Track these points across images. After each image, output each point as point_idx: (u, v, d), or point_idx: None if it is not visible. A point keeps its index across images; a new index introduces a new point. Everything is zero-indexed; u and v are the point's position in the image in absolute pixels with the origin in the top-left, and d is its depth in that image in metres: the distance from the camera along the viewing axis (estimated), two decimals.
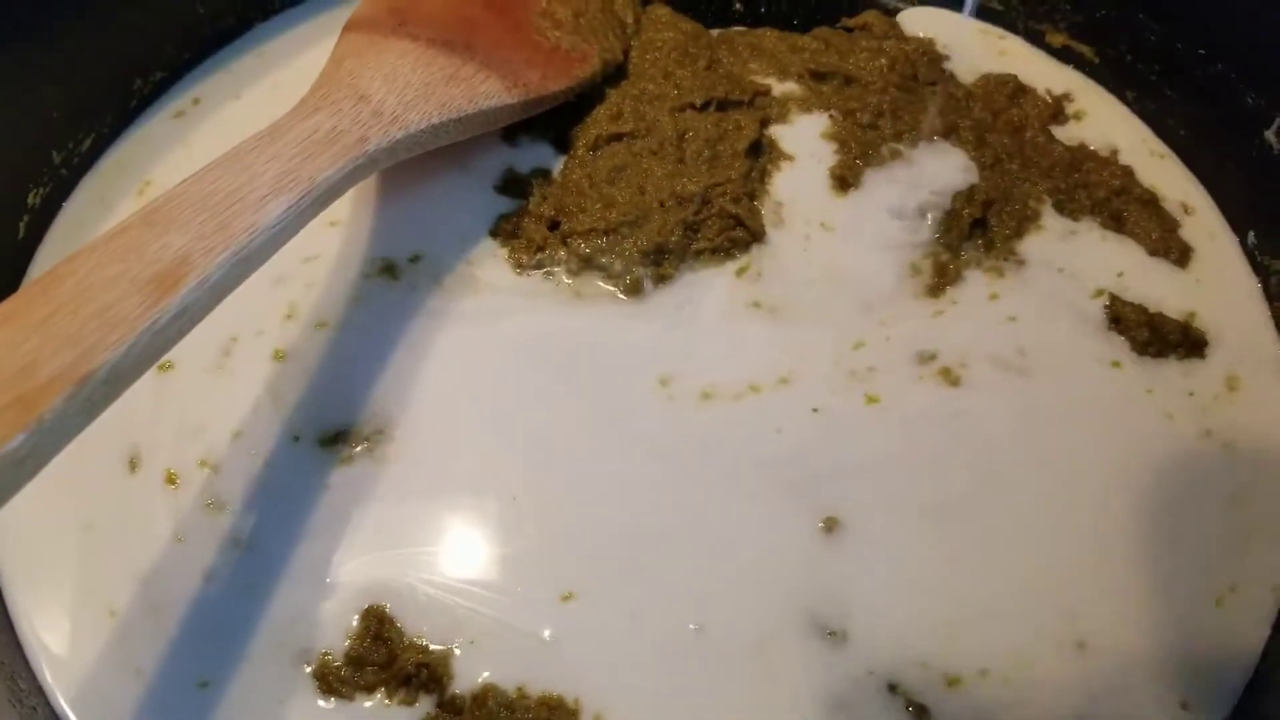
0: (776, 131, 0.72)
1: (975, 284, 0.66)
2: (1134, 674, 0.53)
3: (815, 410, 0.60)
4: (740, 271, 0.66)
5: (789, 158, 0.71)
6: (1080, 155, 0.72)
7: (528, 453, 0.59)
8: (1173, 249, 0.68)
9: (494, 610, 0.55)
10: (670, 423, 0.60)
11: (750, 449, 0.59)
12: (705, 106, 0.71)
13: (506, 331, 0.63)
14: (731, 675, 0.53)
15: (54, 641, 0.55)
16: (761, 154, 0.70)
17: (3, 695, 0.51)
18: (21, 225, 0.66)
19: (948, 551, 0.56)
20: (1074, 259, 0.67)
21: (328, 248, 0.66)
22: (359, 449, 0.59)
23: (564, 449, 0.59)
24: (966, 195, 0.68)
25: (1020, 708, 0.52)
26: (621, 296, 0.65)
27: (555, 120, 0.71)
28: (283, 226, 0.50)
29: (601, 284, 0.65)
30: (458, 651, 0.53)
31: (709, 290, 0.65)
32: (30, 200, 0.67)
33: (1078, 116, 0.75)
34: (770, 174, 0.70)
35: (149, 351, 0.43)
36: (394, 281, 0.65)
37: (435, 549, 0.56)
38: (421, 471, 0.59)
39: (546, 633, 0.54)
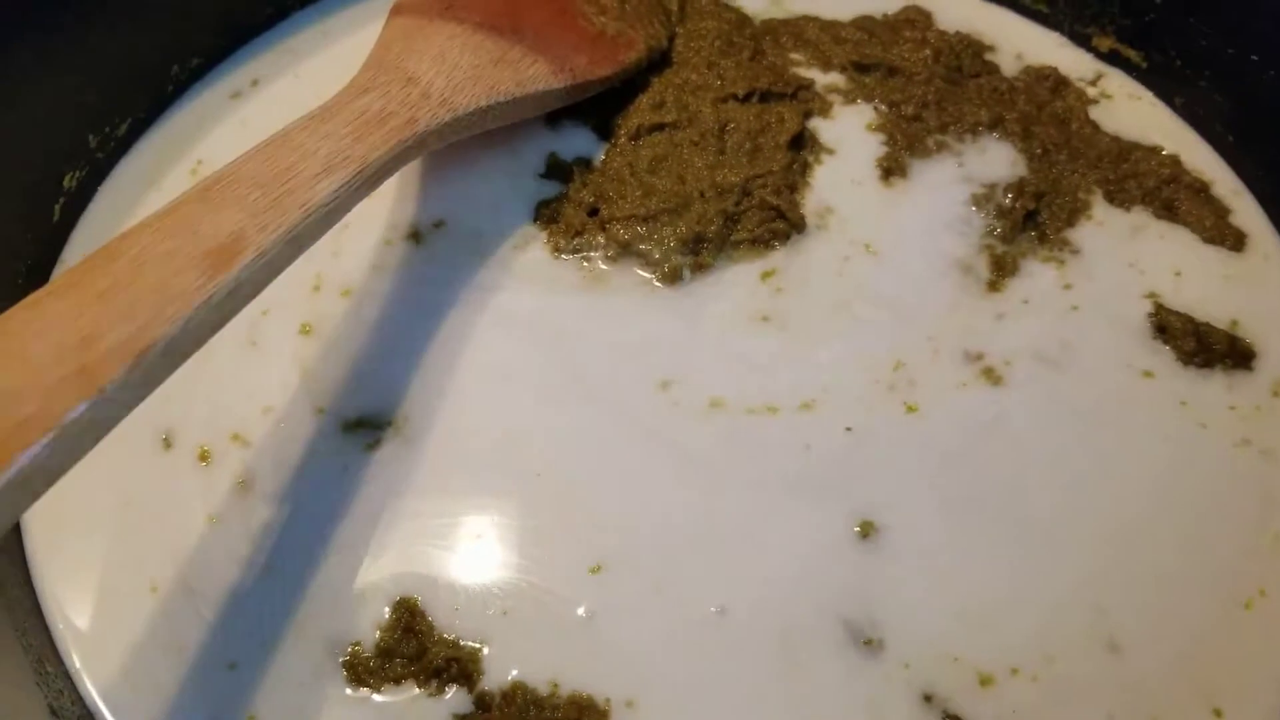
0: (819, 125, 0.71)
1: (1036, 276, 0.65)
2: (1164, 675, 0.53)
3: (849, 429, 0.59)
4: (766, 275, 0.65)
5: (830, 151, 0.70)
6: (1127, 145, 0.71)
7: (545, 434, 0.59)
8: (1227, 236, 0.67)
9: (527, 580, 0.55)
10: (679, 426, 0.59)
11: (774, 461, 0.58)
12: (748, 98, 0.70)
13: (524, 313, 0.63)
14: (757, 665, 0.52)
15: (81, 620, 0.54)
16: (803, 147, 0.70)
17: (29, 678, 0.51)
18: (56, 208, 0.66)
19: (980, 551, 0.56)
20: (1127, 250, 0.66)
21: (357, 216, 0.65)
22: (385, 431, 0.59)
23: (576, 435, 0.59)
24: (1017, 187, 0.67)
25: (1052, 709, 0.52)
26: (657, 284, 0.64)
27: (598, 107, 0.70)
28: (334, 205, 0.50)
29: (639, 271, 0.65)
30: (486, 650, 0.53)
31: (727, 297, 0.64)
32: (66, 183, 0.67)
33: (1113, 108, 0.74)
34: (812, 167, 0.69)
35: (205, 326, 0.44)
36: (419, 250, 0.66)
37: (464, 530, 0.56)
38: (446, 452, 0.58)
39: (581, 609, 0.54)
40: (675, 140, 0.68)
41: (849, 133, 0.71)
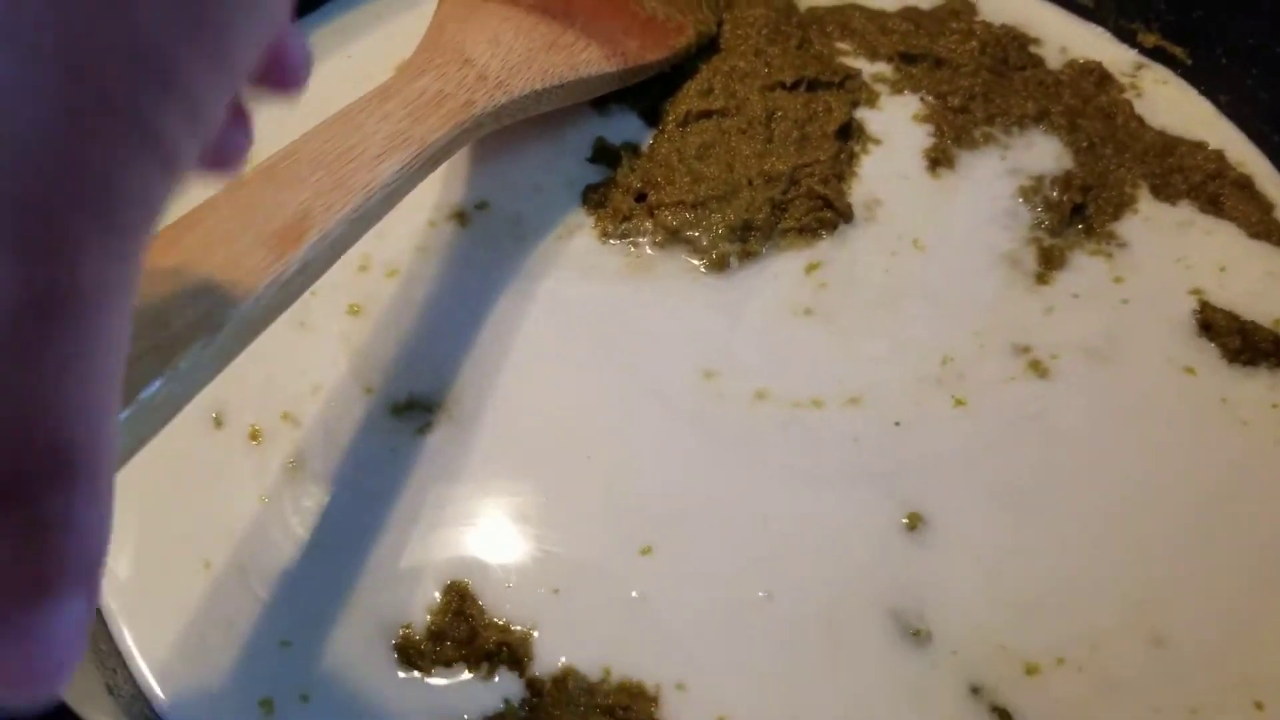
0: (865, 115, 0.71)
1: (1084, 270, 0.65)
2: (1207, 668, 0.53)
3: (897, 424, 0.59)
4: (811, 268, 0.65)
5: (877, 141, 0.70)
6: (1172, 140, 0.71)
7: (592, 419, 0.59)
8: (1273, 231, 0.67)
9: (578, 560, 0.55)
10: (724, 416, 0.59)
11: (821, 453, 0.58)
12: (795, 86, 0.70)
13: (570, 297, 0.63)
14: (805, 651, 0.53)
15: (134, 598, 0.54)
16: (850, 137, 0.70)
17: (87, 658, 0.50)
18: None
19: (1027, 543, 0.56)
20: (1174, 245, 0.66)
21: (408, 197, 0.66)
22: (434, 414, 0.59)
23: (623, 421, 0.59)
24: (1064, 181, 0.68)
25: (1097, 700, 0.52)
26: (704, 271, 0.64)
27: (645, 94, 0.70)
28: (395, 187, 0.50)
29: (687, 258, 0.65)
30: (536, 634, 0.53)
31: (772, 287, 0.64)
32: None
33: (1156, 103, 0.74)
34: (859, 157, 0.69)
35: (274, 305, 0.44)
36: (465, 231, 0.66)
37: (513, 511, 0.56)
38: (495, 435, 0.58)
39: (634, 591, 0.54)
40: (723, 127, 0.68)
41: (896, 123, 0.71)
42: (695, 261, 0.64)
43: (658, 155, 0.68)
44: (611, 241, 0.65)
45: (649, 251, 0.65)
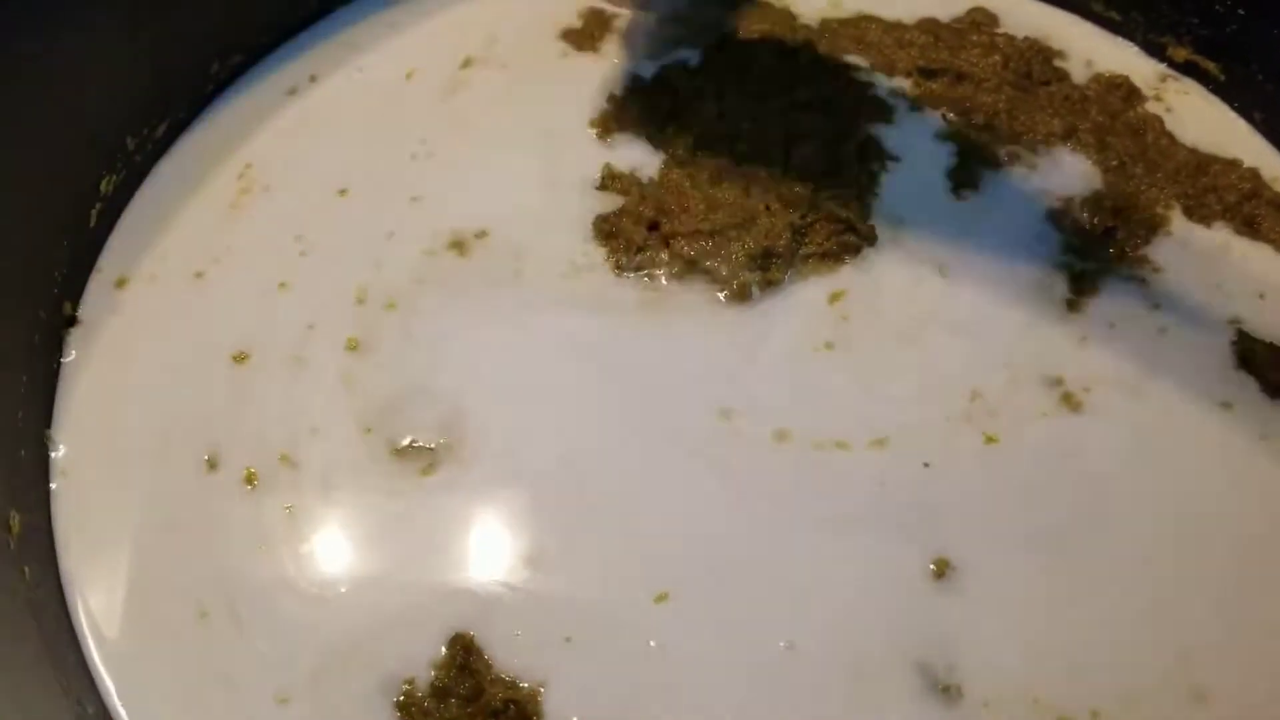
0: (884, 132, 0.68)
1: (1118, 297, 0.62)
2: None
3: (926, 465, 0.57)
4: (834, 298, 0.62)
5: (896, 159, 0.67)
6: (1205, 158, 0.68)
7: (604, 460, 0.57)
8: None
9: (591, 608, 0.53)
10: (743, 457, 0.57)
11: (845, 497, 0.56)
12: (808, 106, 0.67)
13: (580, 332, 0.61)
14: (829, 707, 0.51)
15: (122, 651, 0.52)
16: (870, 156, 0.67)
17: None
18: (93, 214, 0.63)
19: (1061, 589, 0.54)
20: (1210, 270, 0.64)
21: (399, 224, 0.65)
22: (434, 454, 0.57)
23: (636, 463, 0.57)
24: (1094, 202, 0.65)
25: None
26: (724, 302, 0.61)
27: (650, 117, 0.68)
28: None
29: (706, 288, 0.62)
30: (544, 691, 0.50)
31: (794, 320, 0.61)
32: (103, 188, 0.64)
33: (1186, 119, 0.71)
34: (879, 176, 0.66)
35: None
36: (463, 262, 0.63)
37: (520, 556, 0.54)
38: (499, 477, 0.56)
39: (652, 641, 0.52)
40: (736, 150, 0.65)
41: (915, 140, 0.68)
42: (716, 293, 0.62)
43: (669, 181, 0.65)
44: (627, 275, 0.63)
45: (664, 283, 0.62)
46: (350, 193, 0.67)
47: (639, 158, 0.67)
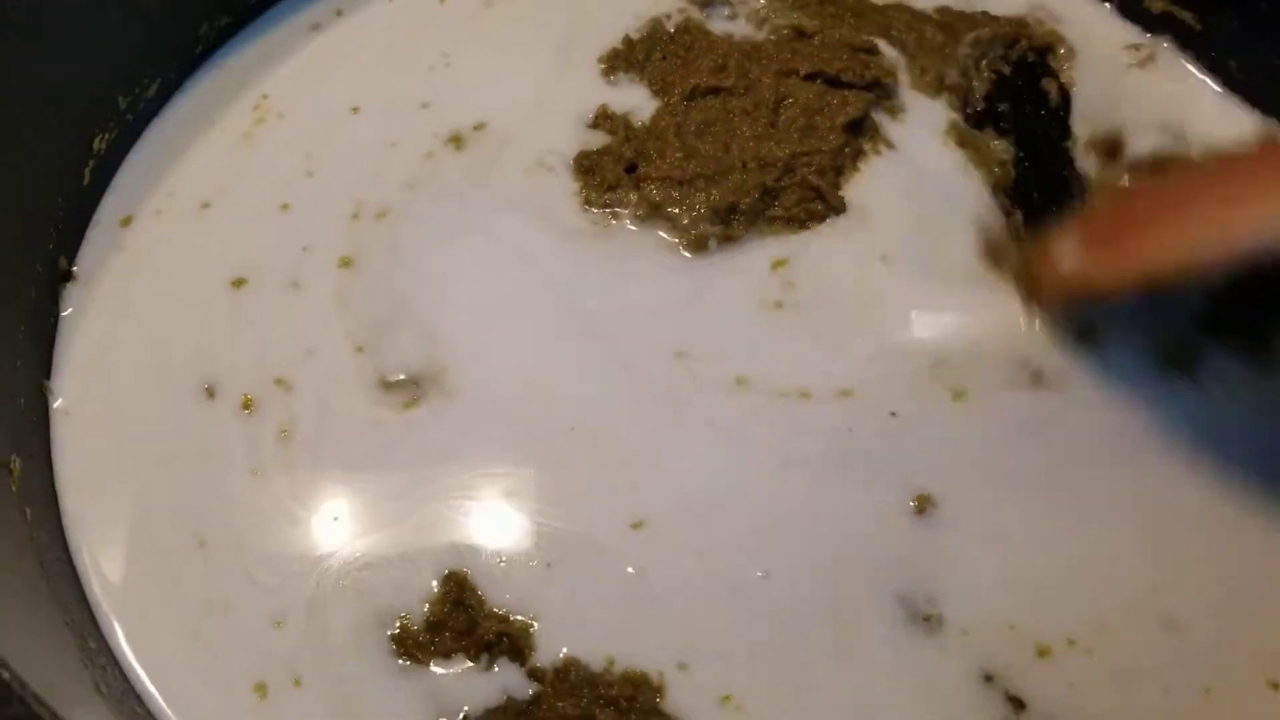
0: (885, 122, 0.68)
1: None
2: (1221, 650, 0.52)
3: (894, 414, 0.57)
4: (777, 265, 0.62)
5: (891, 146, 0.67)
6: None
7: (570, 389, 0.58)
8: None
9: (570, 534, 0.54)
10: (703, 397, 0.58)
11: (814, 441, 0.57)
12: (812, 77, 0.67)
13: (544, 255, 0.62)
14: (807, 633, 0.52)
15: (121, 580, 0.53)
16: (863, 135, 0.67)
17: (73, 655, 0.49)
18: (87, 171, 0.63)
19: (1038, 524, 0.55)
20: None
21: (407, 133, 0.66)
22: (418, 389, 0.58)
23: (600, 393, 0.58)
24: None
25: (1109, 682, 0.51)
26: (683, 252, 0.62)
27: (658, 65, 0.69)
28: None
29: (664, 235, 0.63)
30: (537, 625, 0.51)
31: (746, 275, 0.62)
32: (95, 146, 0.63)
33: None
34: (867, 155, 0.66)
35: None
36: (459, 156, 0.65)
37: (502, 487, 0.55)
38: (478, 407, 0.57)
39: (630, 567, 0.53)
40: (729, 107, 0.66)
41: (915, 136, 0.68)
42: (675, 240, 0.62)
43: (656, 128, 0.66)
44: (592, 210, 0.64)
45: (628, 225, 0.63)
46: (362, 109, 0.67)
47: (637, 101, 0.68)
